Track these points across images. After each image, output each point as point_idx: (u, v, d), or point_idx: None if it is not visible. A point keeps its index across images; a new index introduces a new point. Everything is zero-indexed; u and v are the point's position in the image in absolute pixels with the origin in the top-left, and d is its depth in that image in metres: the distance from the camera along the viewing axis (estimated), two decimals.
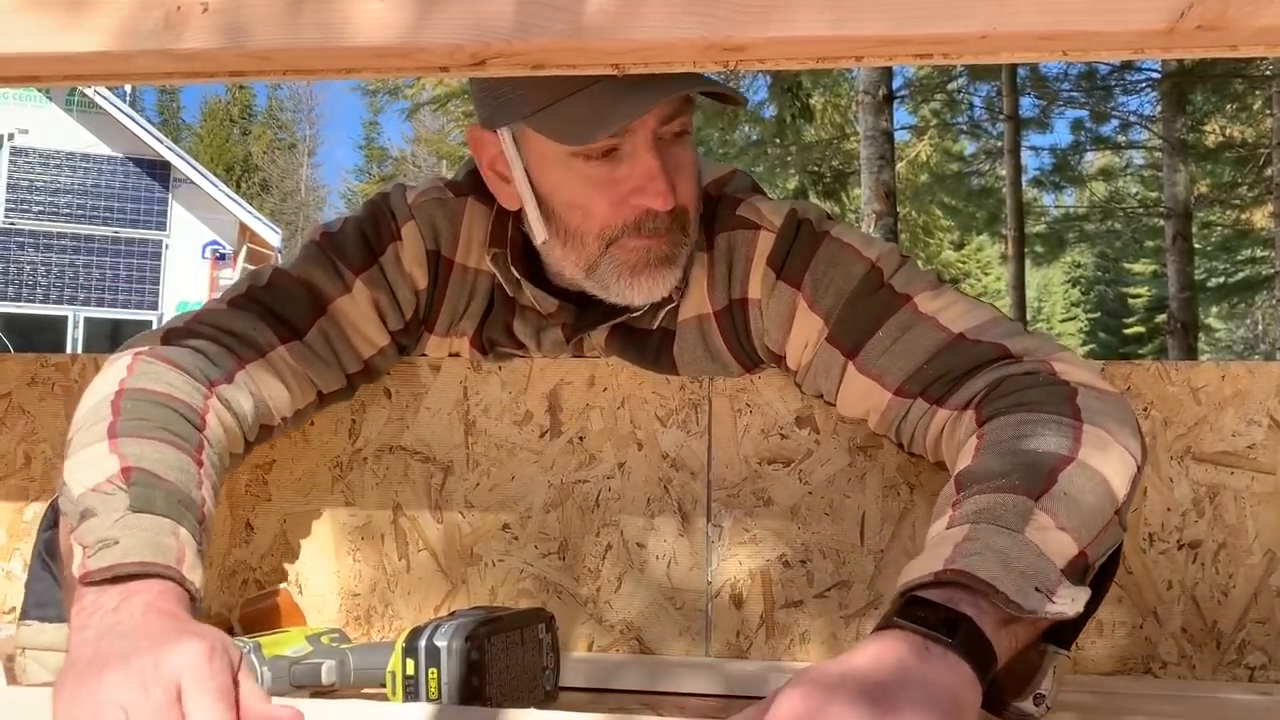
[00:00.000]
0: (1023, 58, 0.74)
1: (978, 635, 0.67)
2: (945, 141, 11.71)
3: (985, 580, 0.69)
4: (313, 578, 1.12)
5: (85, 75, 0.79)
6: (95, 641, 0.70)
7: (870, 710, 0.60)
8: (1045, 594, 0.71)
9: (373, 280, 1.06)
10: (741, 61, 0.74)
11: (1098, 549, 0.78)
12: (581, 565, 1.10)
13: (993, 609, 0.69)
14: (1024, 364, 0.91)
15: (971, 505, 0.77)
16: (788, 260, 1.01)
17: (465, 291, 1.10)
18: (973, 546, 0.72)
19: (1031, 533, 0.73)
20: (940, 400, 0.93)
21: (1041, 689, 0.77)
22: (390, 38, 0.72)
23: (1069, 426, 0.83)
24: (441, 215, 1.08)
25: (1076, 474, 0.79)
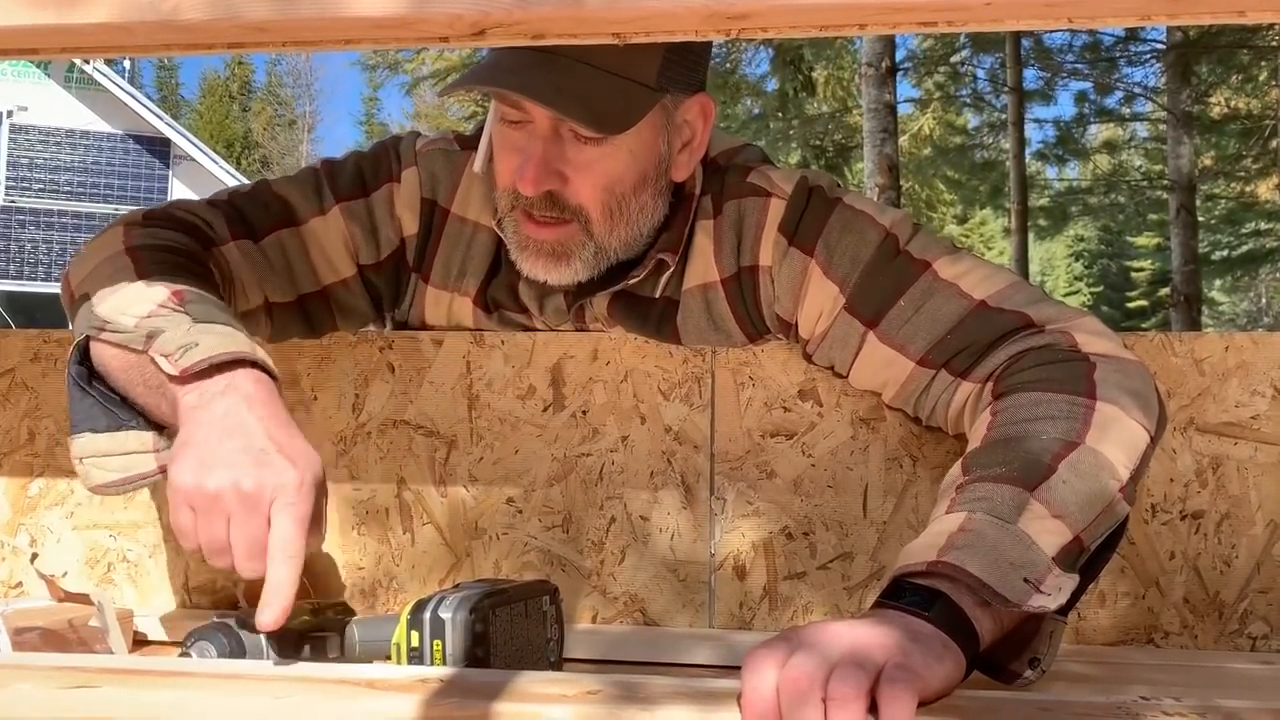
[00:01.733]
0: (1028, 25, 0.73)
1: (954, 610, 0.71)
2: (948, 114, 11.65)
3: (974, 575, 0.72)
4: (317, 551, 1.13)
5: (84, 48, 0.79)
6: (208, 425, 0.80)
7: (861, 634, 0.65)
8: (1033, 584, 0.74)
9: (352, 212, 1.09)
10: (744, 29, 0.73)
11: (1094, 532, 0.80)
12: (585, 538, 1.10)
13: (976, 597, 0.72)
14: (1046, 334, 0.92)
15: (971, 493, 0.80)
16: (800, 227, 1.01)
17: (463, 243, 1.11)
18: (965, 539, 0.75)
19: (1025, 523, 0.77)
20: (965, 373, 0.94)
21: (1038, 654, 0.80)
22: (389, 8, 0.71)
23: (1081, 407, 0.85)
24: (443, 165, 1.11)
25: (1079, 460, 0.82)
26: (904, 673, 0.62)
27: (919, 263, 0.98)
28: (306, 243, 1.08)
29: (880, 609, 0.72)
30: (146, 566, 1.15)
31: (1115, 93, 10.88)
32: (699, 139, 1.04)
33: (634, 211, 1.02)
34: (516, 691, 0.67)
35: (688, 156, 1.04)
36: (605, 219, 1.01)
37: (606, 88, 0.95)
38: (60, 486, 1.15)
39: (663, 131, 1.01)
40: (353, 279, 1.11)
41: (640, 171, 1.01)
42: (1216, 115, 10.70)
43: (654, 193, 1.03)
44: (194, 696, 0.68)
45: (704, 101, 1.03)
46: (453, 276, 1.12)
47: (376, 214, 1.10)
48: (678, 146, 1.03)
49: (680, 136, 1.03)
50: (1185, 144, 9.55)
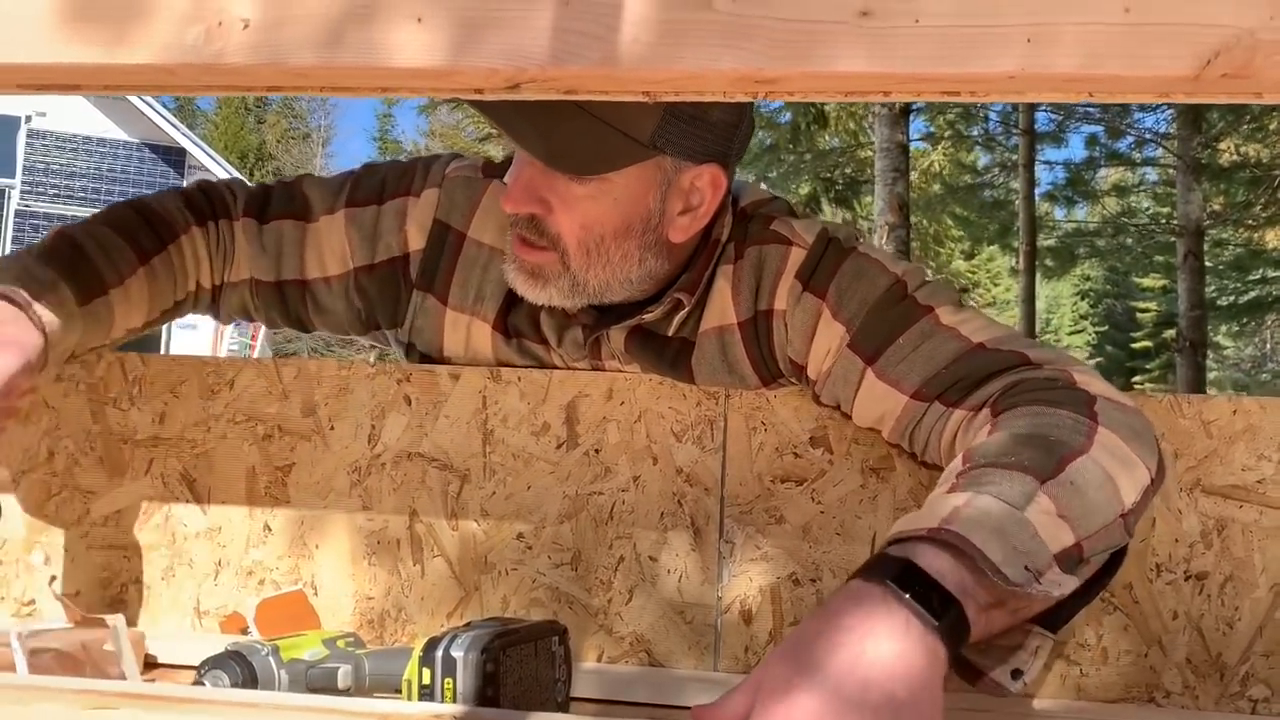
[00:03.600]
0: (1049, 98, 0.75)
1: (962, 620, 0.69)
2: (959, 152, 11.71)
3: (976, 545, 0.70)
4: (328, 580, 1.14)
5: (125, 86, 0.81)
6: None
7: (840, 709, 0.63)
8: (1034, 574, 0.72)
9: (356, 218, 1.15)
10: (772, 93, 0.76)
11: (1095, 545, 0.79)
12: (594, 577, 1.11)
13: (978, 588, 0.70)
14: (1044, 370, 0.93)
15: (977, 476, 0.79)
16: (815, 273, 1.04)
17: (479, 267, 1.14)
18: (970, 513, 0.74)
19: (1031, 513, 0.75)
20: (957, 403, 0.95)
21: (1021, 666, 0.78)
22: (428, 61, 0.73)
23: (1084, 424, 0.85)
24: (463, 191, 1.15)
25: (1085, 467, 0.81)
26: None
27: (922, 308, 1.00)
28: (306, 237, 1.15)
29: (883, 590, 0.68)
30: (158, 589, 1.16)
31: (1126, 137, 10.94)
32: (706, 207, 1.04)
33: (615, 257, 1.04)
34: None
35: (689, 221, 1.04)
36: (582, 255, 1.03)
37: (586, 131, 0.97)
38: (77, 506, 1.16)
39: (656, 189, 1.02)
40: (339, 279, 1.16)
41: (623, 220, 1.03)
42: (1226, 162, 10.75)
43: (640, 244, 1.04)
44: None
45: (715, 173, 1.03)
46: (470, 300, 1.15)
47: (382, 223, 1.15)
48: (676, 209, 1.04)
49: (683, 200, 1.04)
50: (1194, 190, 9.59)
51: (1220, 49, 0.68)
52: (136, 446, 1.17)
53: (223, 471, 1.16)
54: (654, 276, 1.07)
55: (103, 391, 1.17)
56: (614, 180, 1.01)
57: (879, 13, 0.70)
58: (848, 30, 0.70)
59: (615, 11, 0.72)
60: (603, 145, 0.98)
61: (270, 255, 1.15)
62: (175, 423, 1.16)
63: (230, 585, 1.15)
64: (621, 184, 1.01)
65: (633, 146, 0.99)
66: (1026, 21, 0.69)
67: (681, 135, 1.00)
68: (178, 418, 1.16)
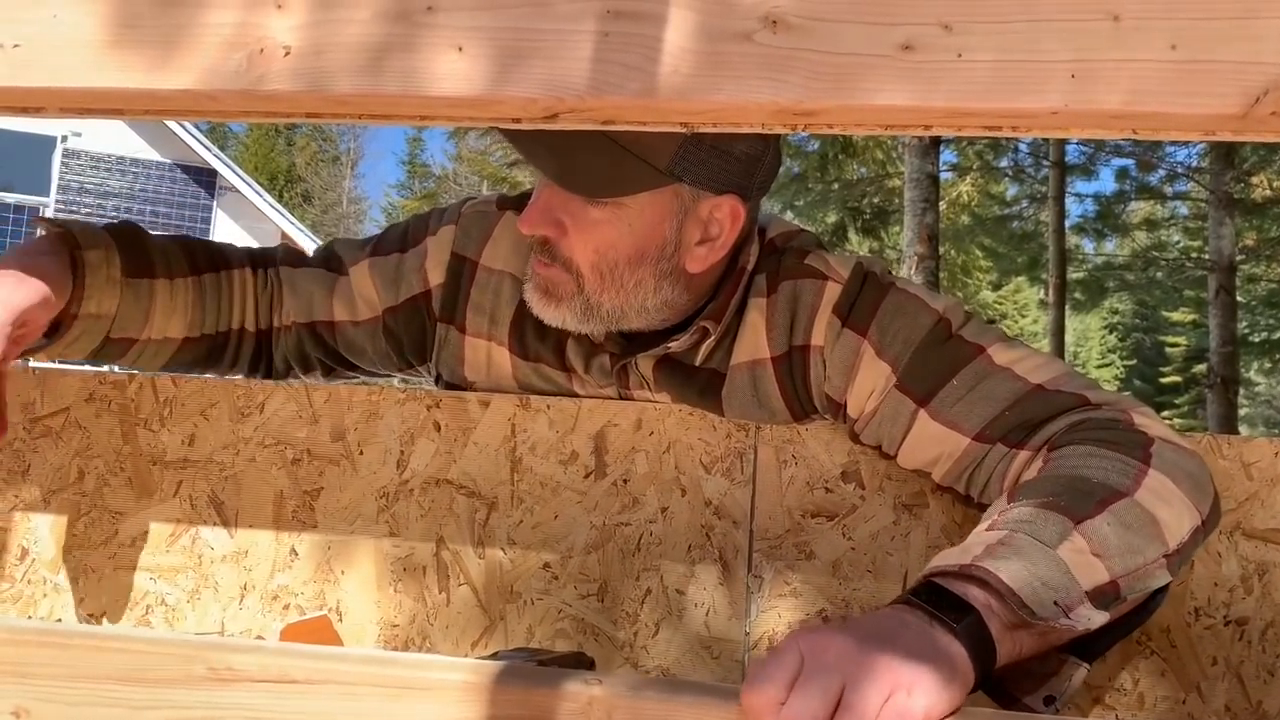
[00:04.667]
0: (1092, 134, 0.74)
1: (982, 629, 0.72)
2: (988, 184, 11.67)
3: (1005, 582, 0.73)
4: (353, 606, 1.13)
5: (167, 111, 0.81)
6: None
7: (869, 645, 0.65)
8: (1063, 608, 0.75)
9: (379, 266, 1.18)
10: (810, 125, 0.75)
11: (1133, 583, 0.80)
12: (620, 609, 1.10)
13: (1004, 610, 0.73)
14: (1104, 411, 0.93)
15: (1014, 514, 0.81)
16: (854, 309, 1.03)
17: (490, 291, 1.15)
18: (1003, 551, 0.76)
19: (1064, 551, 0.77)
20: (1020, 444, 0.95)
21: (1055, 692, 0.80)
22: (467, 90, 0.73)
23: (1134, 468, 0.86)
24: (477, 224, 1.17)
25: (1126, 509, 0.82)
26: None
27: (972, 346, 0.99)
28: (336, 286, 1.19)
29: (909, 606, 0.72)
30: (184, 611, 1.15)
31: (1157, 171, 10.87)
32: (724, 238, 1.03)
33: (628, 282, 1.04)
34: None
35: (706, 251, 1.04)
36: (595, 279, 1.03)
37: (601, 155, 0.97)
38: (105, 526, 1.17)
39: (672, 218, 1.02)
40: (368, 321, 1.18)
41: (637, 247, 1.02)
42: (1260, 198, 10.65)
43: (655, 273, 1.04)
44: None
45: (734, 205, 1.02)
46: (486, 324, 1.15)
47: (404, 266, 1.18)
48: (694, 238, 1.03)
49: (700, 230, 1.03)
50: (1227, 225, 9.50)
51: (1270, 86, 0.67)
52: (166, 468, 1.17)
53: (251, 495, 1.15)
54: (673, 306, 1.07)
55: (134, 412, 1.18)
56: (629, 205, 1.01)
57: (921, 47, 0.69)
58: (889, 64, 0.70)
59: (655, 43, 0.72)
60: (618, 170, 0.98)
61: (302, 296, 1.19)
62: (205, 445, 1.16)
63: (255, 609, 1.14)
64: (636, 210, 1.01)
65: (649, 173, 0.98)
66: (1071, 58, 0.68)
67: (701, 165, 1.00)
68: (207, 440, 1.16)
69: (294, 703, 0.67)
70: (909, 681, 0.64)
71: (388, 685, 0.66)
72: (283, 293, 1.19)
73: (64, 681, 0.69)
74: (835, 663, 0.64)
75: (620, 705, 0.65)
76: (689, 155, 0.99)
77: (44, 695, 0.69)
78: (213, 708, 0.68)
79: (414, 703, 0.66)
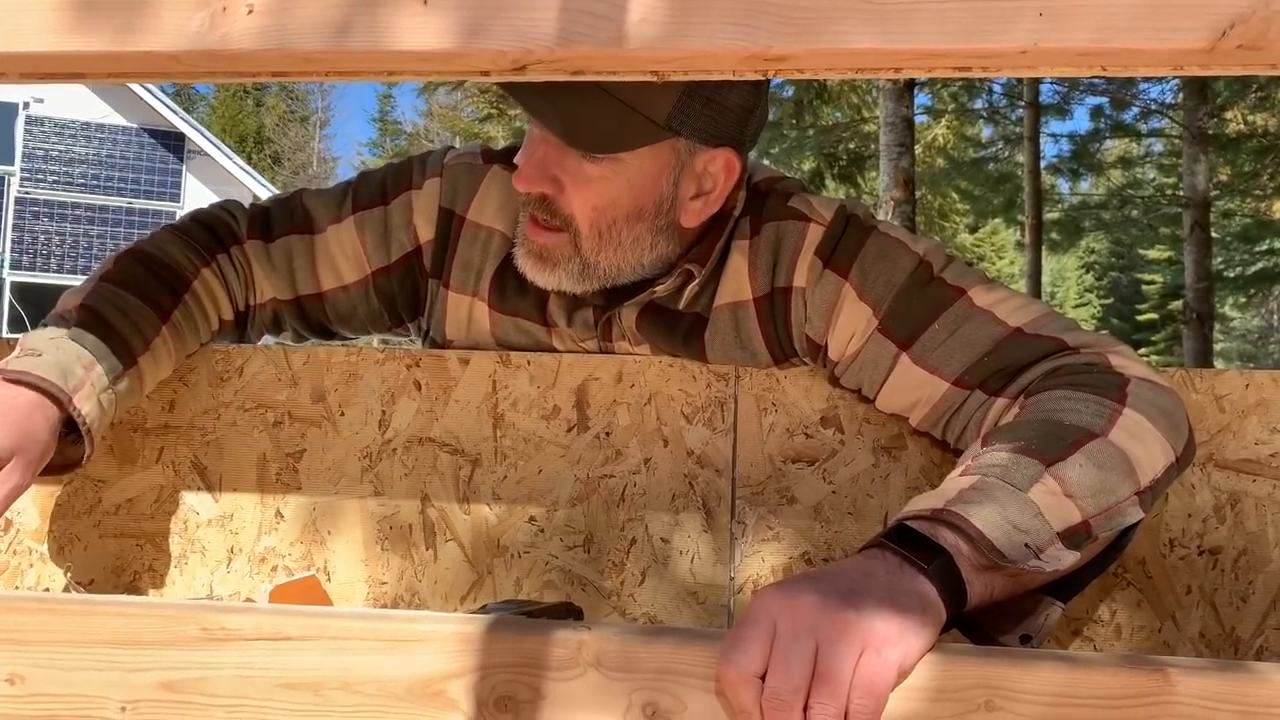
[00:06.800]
0: (1061, 73, 0.74)
1: (953, 570, 0.72)
2: (963, 126, 11.65)
3: (976, 526, 0.74)
4: (341, 566, 1.14)
5: (130, 74, 0.80)
6: None
7: (838, 602, 0.65)
8: (1033, 550, 0.76)
9: (366, 221, 1.15)
10: (781, 70, 0.75)
11: (1104, 522, 0.81)
12: (606, 559, 1.11)
13: (974, 553, 0.74)
14: (1082, 355, 0.94)
15: (987, 459, 0.82)
16: (836, 251, 1.03)
17: (478, 247, 1.14)
18: (975, 495, 0.77)
19: (1036, 494, 0.78)
20: (999, 391, 0.96)
21: (1030, 631, 0.82)
22: (435, 43, 0.72)
23: (1109, 408, 0.87)
24: (464, 177, 1.15)
25: (1099, 449, 0.83)
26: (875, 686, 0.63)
27: (953, 289, 1.00)
28: (316, 249, 1.15)
29: (880, 549, 0.73)
30: (172, 576, 1.16)
31: (1131, 108, 10.87)
32: (718, 192, 1.04)
33: (625, 239, 1.04)
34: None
35: (701, 205, 1.04)
36: (594, 236, 1.03)
37: (604, 110, 0.97)
38: (89, 495, 1.17)
39: (669, 172, 1.02)
40: (357, 284, 1.16)
41: (635, 203, 1.02)
42: (1233, 132, 10.68)
43: (652, 228, 1.04)
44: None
45: (729, 157, 1.02)
46: (471, 281, 1.15)
47: (391, 221, 1.15)
48: (689, 192, 1.03)
49: (695, 184, 1.03)
50: (1201, 161, 9.53)
51: (1235, 20, 0.67)
52: (147, 435, 1.17)
53: (234, 459, 1.16)
54: (665, 260, 1.07)
55: None
56: (627, 161, 1.00)
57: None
58: (858, 6, 0.70)
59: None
60: (619, 125, 0.97)
61: (282, 272, 1.15)
62: (185, 411, 1.16)
63: (243, 572, 1.15)
64: (635, 165, 1.00)
65: (649, 127, 0.98)
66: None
67: (698, 117, 0.99)
68: (188, 406, 1.16)
69: (288, 658, 0.68)
70: (880, 637, 0.64)
71: (381, 639, 0.67)
72: (254, 273, 1.16)
73: (58, 647, 0.70)
74: (807, 626, 0.64)
75: (608, 650, 0.66)
76: (687, 108, 0.98)
77: (38, 661, 0.69)
78: (206, 667, 0.69)
79: (407, 655, 0.67)
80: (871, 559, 0.72)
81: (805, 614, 0.65)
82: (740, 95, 1.01)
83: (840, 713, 0.63)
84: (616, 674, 0.65)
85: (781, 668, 0.63)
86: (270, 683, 0.68)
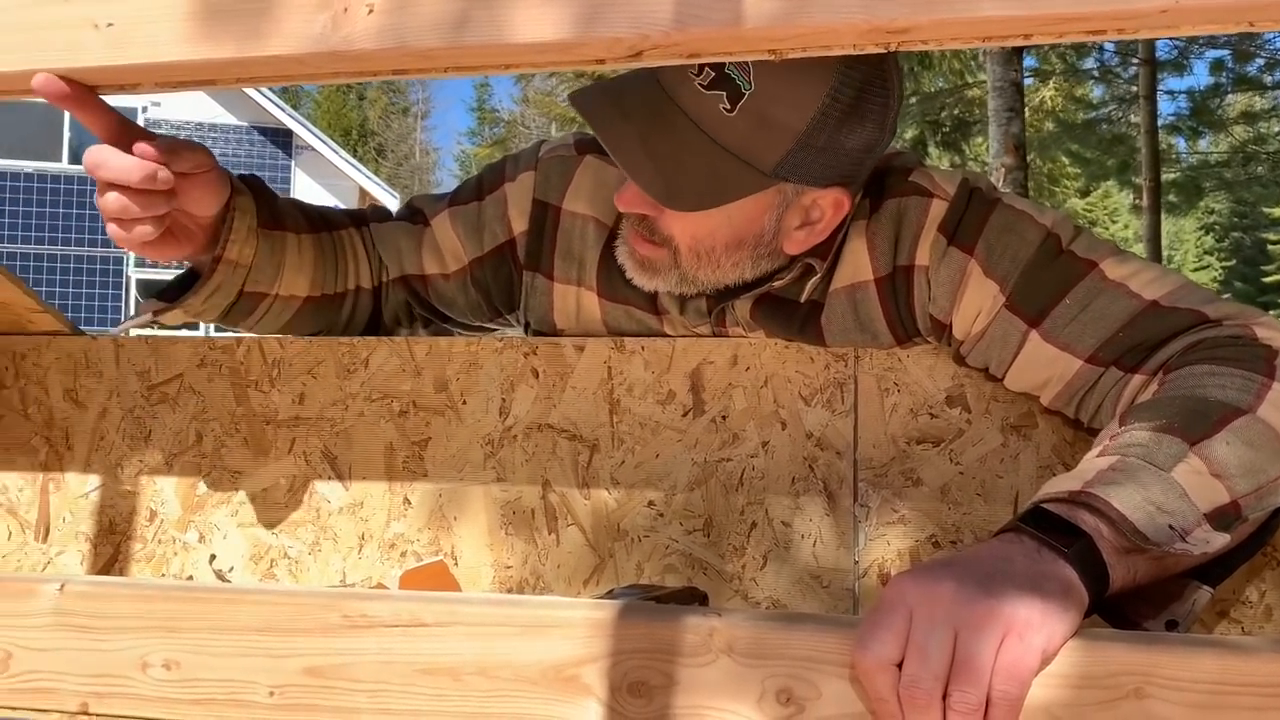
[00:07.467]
0: (1204, 29, 0.71)
1: (1093, 553, 0.69)
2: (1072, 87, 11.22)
3: (1116, 508, 0.70)
4: (467, 550, 1.17)
5: (257, 78, 0.82)
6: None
7: (976, 589, 0.63)
8: (1179, 533, 0.72)
9: (460, 215, 1.18)
10: (904, 43, 0.73)
11: (1255, 502, 0.78)
12: (726, 542, 1.11)
13: (1116, 536, 0.70)
14: (1224, 328, 0.90)
15: (1127, 439, 0.79)
16: (960, 226, 1.00)
17: (576, 236, 1.15)
18: (1115, 476, 0.74)
19: (1180, 474, 0.75)
20: (1135, 367, 0.92)
21: (1176, 617, 0.78)
22: (551, 34, 0.72)
23: (1256, 383, 0.83)
24: (558, 169, 1.16)
25: (1247, 426, 0.79)
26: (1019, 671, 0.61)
27: (1084, 262, 0.96)
28: (422, 239, 1.20)
29: (1016, 533, 0.70)
30: (306, 563, 1.20)
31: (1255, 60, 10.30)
32: (824, 224, 1.00)
33: (725, 264, 1.03)
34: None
35: (805, 235, 1.01)
36: (692, 258, 1.02)
37: (705, 164, 0.94)
38: (226, 486, 1.21)
39: (773, 210, 0.99)
40: (457, 273, 1.19)
41: (735, 235, 1.01)
42: None
43: (753, 256, 1.02)
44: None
45: (840, 198, 0.99)
46: (574, 270, 1.15)
47: (484, 214, 1.18)
48: (794, 224, 1.00)
49: (802, 216, 1.00)
50: None
51: None
52: (279, 427, 1.21)
53: (362, 448, 1.19)
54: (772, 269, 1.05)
55: (244, 375, 1.22)
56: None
57: None
58: None
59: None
60: (721, 177, 0.95)
61: (392, 252, 1.20)
62: (314, 402, 1.20)
63: (374, 558, 1.18)
64: (737, 205, 0.98)
65: (753, 177, 0.95)
66: None
67: (809, 165, 0.95)
68: (316, 397, 1.20)
69: (425, 645, 0.70)
70: (1022, 622, 0.62)
71: (514, 625, 0.68)
72: (384, 251, 1.21)
73: (208, 634, 0.73)
74: (945, 614, 0.63)
75: (740, 637, 0.65)
76: (796, 157, 0.94)
77: (191, 647, 0.73)
78: (348, 653, 0.71)
79: (540, 640, 0.68)
80: (1008, 543, 0.70)
81: (943, 602, 0.63)
82: (864, 135, 0.95)
83: (982, 701, 0.61)
84: (749, 660, 0.65)
85: (919, 655, 0.62)
86: (409, 668, 0.70)
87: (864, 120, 0.94)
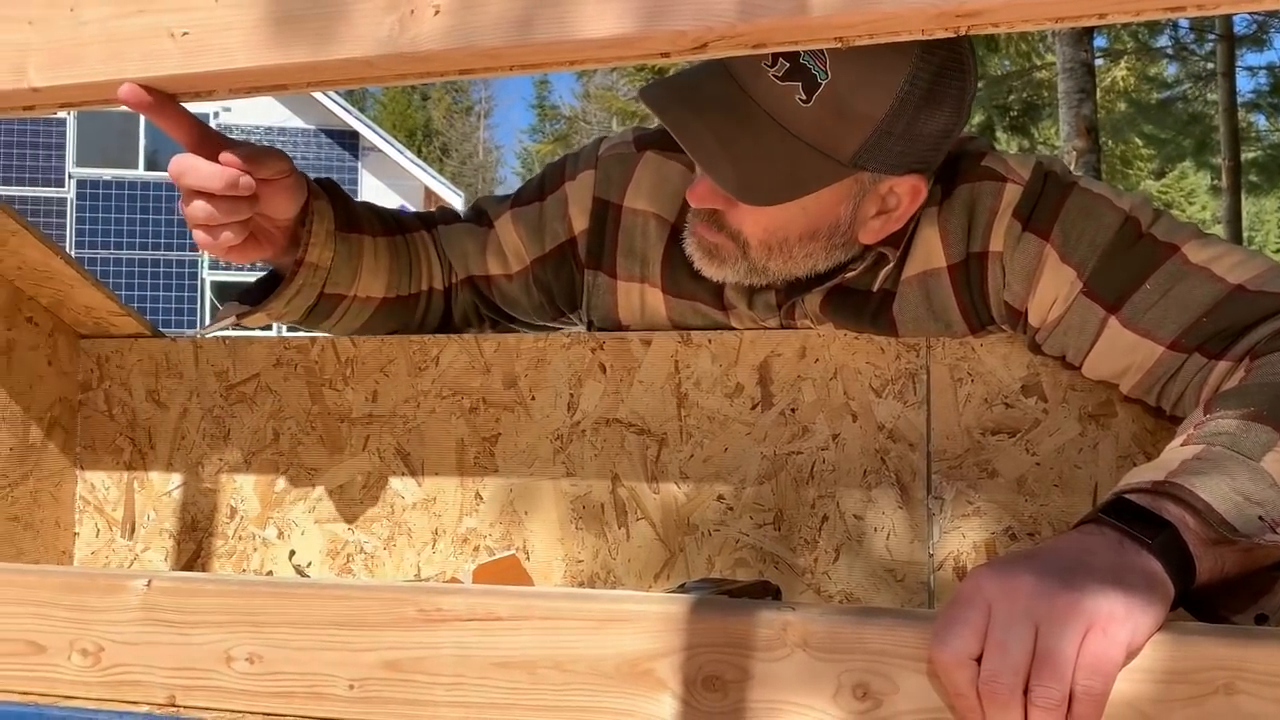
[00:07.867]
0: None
1: (1179, 544, 0.67)
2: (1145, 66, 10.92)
3: (1203, 498, 0.68)
4: (538, 545, 1.18)
5: (328, 81, 0.84)
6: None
7: (1057, 583, 0.61)
8: (1269, 524, 0.70)
9: (522, 215, 1.19)
10: (974, 26, 0.71)
11: None
12: (797, 536, 1.10)
13: (1202, 527, 0.68)
14: None
15: (1213, 427, 0.77)
16: (1035, 211, 0.98)
17: (637, 232, 1.15)
18: (1200, 465, 0.72)
19: (1269, 463, 0.73)
20: (1219, 354, 0.90)
21: (1265, 611, 0.75)
22: (618, 29, 0.72)
23: None
24: (618, 167, 1.16)
25: None
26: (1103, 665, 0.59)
27: (1165, 246, 0.93)
28: (486, 240, 1.20)
29: (1097, 524, 0.68)
30: (381, 558, 1.22)
31: None
32: (901, 212, 0.99)
33: (798, 255, 1.01)
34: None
35: (881, 224, 1.00)
36: (763, 251, 1.01)
37: (782, 156, 0.93)
38: (303, 483, 1.24)
39: (850, 200, 0.98)
40: (520, 273, 1.20)
41: (810, 226, 0.99)
42: None
43: (827, 246, 1.01)
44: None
45: (917, 185, 0.97)
46: (637, 267, 1.15)
47: (546, 214, 1.18)
48: (870, 213, 0.99)
49: (878, 204, 0.99)
50: None
51: None
52: (353, 424, 1.23)
53: (434, 444, 1.20)
54: (845, 259, 1.04)
55: (319, 374, 1.24)
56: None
57: None
58: None
59: None
60: (797, 171, 0.93)
61: (458, 253, 1.22)
62: (387, 400, 1.22)
63: (447, 552, 1.20)
64: (813, 196, 0.96)
65: (831, 167, 0.93)
66: None
67: (888, 152, 0.94)
68: (389, 395, 1.22)
69: (500, 639, 0.71)
70: (1106, 615, 0.60)
71: (588, 619, 0.68)
72: (452, 252, 1.22)
73: (290, 628, 0.74)
74: (1024, 608, 0.61)
75: (815, 631, 0.65)
76: (876, 145, 0.93)
77: (273, 642, 0.74)
78: (425, 647, 0.72)
79: (614, 634, 0.68)
80: (1089, 535, 0.68)
81: (1022, 596, 0.62)
82: (941, 119, 0.94)
83: (1064, 696, 0.60)
84: (824, 655, 0.65)
85: (999, 650, 0.61)
86: (485, 661, 0.71)
87: (941, 105, 0.93)
